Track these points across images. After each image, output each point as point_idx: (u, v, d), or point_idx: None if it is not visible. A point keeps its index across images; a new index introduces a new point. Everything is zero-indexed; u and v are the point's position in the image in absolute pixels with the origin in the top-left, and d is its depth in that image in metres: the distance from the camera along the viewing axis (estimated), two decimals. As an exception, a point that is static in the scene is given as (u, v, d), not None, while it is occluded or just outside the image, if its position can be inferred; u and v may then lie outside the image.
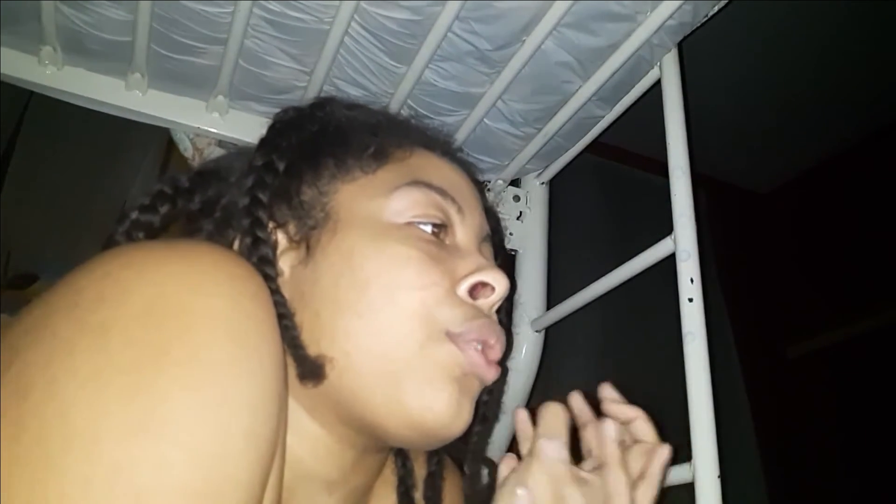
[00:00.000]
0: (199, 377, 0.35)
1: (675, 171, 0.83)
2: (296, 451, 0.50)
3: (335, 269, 0.51)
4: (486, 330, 0.51)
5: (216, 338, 0.36)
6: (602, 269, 0.92)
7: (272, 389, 0.38)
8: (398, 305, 0.49)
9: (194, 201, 0.56)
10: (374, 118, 0.62)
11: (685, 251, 0.78)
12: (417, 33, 0.83)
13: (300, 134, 0.58)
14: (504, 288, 0.52)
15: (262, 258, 0.49)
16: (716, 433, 0.70)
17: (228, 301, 0.38)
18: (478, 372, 0.50)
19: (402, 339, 0.49)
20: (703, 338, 0.75)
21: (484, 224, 0.59)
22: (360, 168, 0.55)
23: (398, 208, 0.53)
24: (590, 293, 0.94)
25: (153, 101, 0.97)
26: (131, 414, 0.32)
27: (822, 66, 1.75)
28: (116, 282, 0.37)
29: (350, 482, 0.54)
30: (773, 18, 1.59)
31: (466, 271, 0.52)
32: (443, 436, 0.49)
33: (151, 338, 0.35)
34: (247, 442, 0.36)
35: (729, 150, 2.01)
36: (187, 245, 0.41)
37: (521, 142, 1.05)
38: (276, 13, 0.82)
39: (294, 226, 0.54)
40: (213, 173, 0.58)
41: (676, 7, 0.81)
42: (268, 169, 0.54)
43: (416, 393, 0.48)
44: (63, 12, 0.83)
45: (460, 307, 0.50)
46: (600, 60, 0.89)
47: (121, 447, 0.32)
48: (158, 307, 0.36)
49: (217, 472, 0.34)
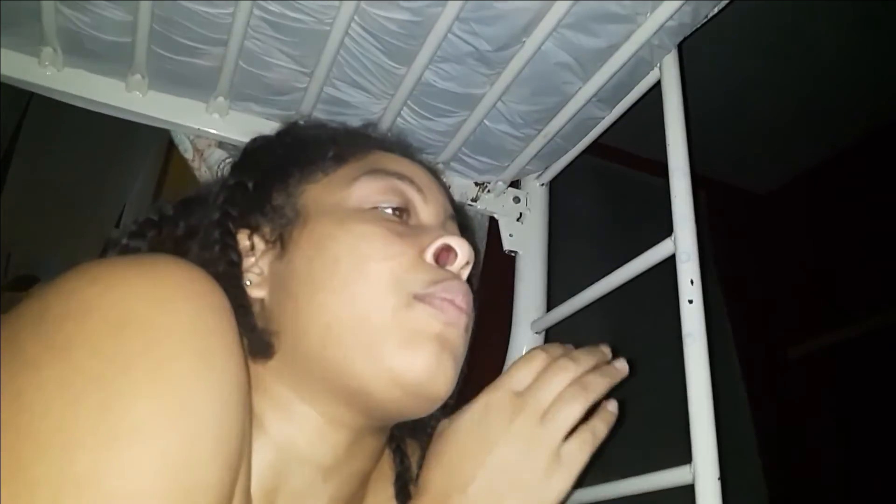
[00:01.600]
0: (165, 386, 0.36)
1: (675, 172, 0.83)
2: (287, 435, 0.52)
3: (308, 255, 0.54)
4: (453, 290, 0.53)
5: (180, 350, 0.38)
6: (602, 271, 0.92)
7: (235, 396, 0.40)
8: (369, 276, 0.52)
9: (179, 227, 0.60)
10: (333, 131, 0.67)
11: (685, 252, 0.78)
12: (417, 34, 0.83)
13: (269, 155, 0.63)
14: (467, 252, 0.55)
15: (230, 262, 0.53)
16: (716, 434, 0.70)
17: (191, 316, 0.40)
18: (453, 319, 0.52)
19: (377, 306, 0.51)
20: (703, 339, 0.75)
21: (447, 205, 0.62)
22: (322, 170, 0.59)
23: (360, 195, 0.56)
24: (590, 294, 0.94)
25: (153, 103, 0.97)
26: (100, 423, 0.33)
27: (821, 67, 1.75)
28: (82, 298, 0.38)
29: (345, 468, 0.55)
30: (772, 19, 1.59)
31: (430, 240, 0.55)
32: (429, 393, 0.51)
33: (116, 351, 0.36)
34: (215, 446, 0.37)
35: (729, 152, 2.02)
36: (152, 260, 0.43)
37: (521, 143, 1.05)
38: (276, 14, 0.82)
39: (268, 228, 0.58)
40: (196, 200, 0.62)
41: (676, 8, 0.81)
42: (238, 187, 0.59)
43: (396, 353, 0.50)
44: (63, 13, 0.83)
45: (427, 272, 0.53)
46: (600, 61, 0.89)
47: (90, 455, 0.32)
48: (123, 322, 0.37)
49: (187, 477, 0.35)
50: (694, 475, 0.69)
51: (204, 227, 0.57)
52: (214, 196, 0.59)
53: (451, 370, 0.52)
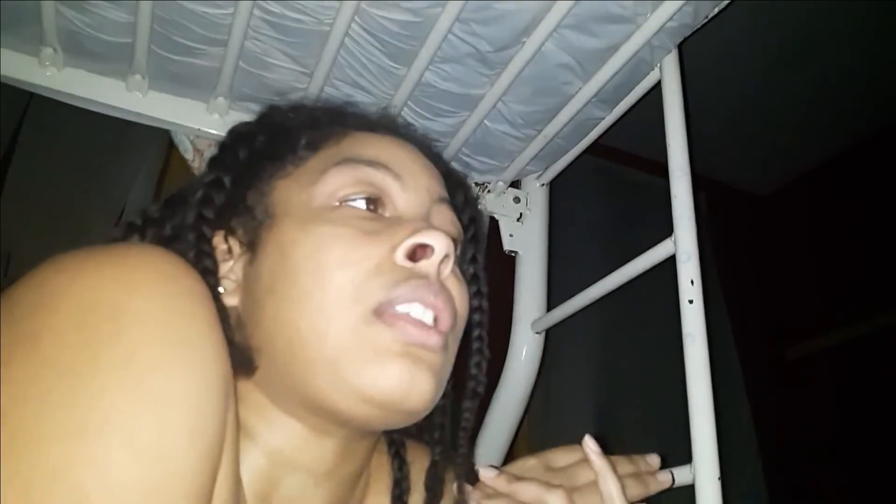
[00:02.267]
0: (136, 376, 0.35)
1: (675, 172, 0.83)
2: (273, 443, 0.51)
3: (271, 261, 0.51)
4: (422, 290, 0.49)
5: (151, 338, 0.36)
6: (602, 271, 0.92)
7: (214, 384, 0.38)
8: (327, 287, 0.49)
9: (165, 228, 0.57)
10: (311, 113, 0.63)
11: (685, 253, 0.79)
12: (418, 35, 0.83)
13: (246, 146, 0.60)
14: (443, 245, 0.51)
15: (205, 269, 0.50)
16: (716, 435, 0.70)
17: (163, 300, 0.38)
18: (416, 341, 0.48)
19: (335, 322, 0.48)
20: (703, 339, 0.75)
21: (434, 187, 0.57)
22: (293, 162, 0.56)
23: (328, 191, 0.53)
24: (590, 295, 0.94)
25: (153, 103, 0.97)
26: (70, 416, 0.32)
27: (821, 68, 1.75)
28: (50, 289, 0.37)
29: (336, 473, 0.54)
30: (773, 20, 1.59)
31: (403, 236, 0.51)
32: (403, 408, 0.48)
33: (83, 341, 0.35)
34: (190, 437, 0.36)
35: (729, 152, 2.02)
36: (122, 248, 0.42)
37: (521, 143, 1.05)
38: (276, 14, 0.82)
39: (242, 230, 0.55)
40: (179, 199, 0.59)
41: (676, 9, 0.81)
42: (213, 185, 0.56)
43: (360, 371, 0.47)
44: (64, 14, 0.84)
45: (391, 274, 0.49)
46: (600, 62, 0.89)
47: (60, 449, 0.32)
48: (92, 311, 0.36)
49: (160, 469, 0.34)
50: (694, 475, 0.69)
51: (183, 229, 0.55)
52: (192, 193, 0.56)
53: (427, 383, 0.48)
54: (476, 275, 0.67)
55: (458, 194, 0.64)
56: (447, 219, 0.58)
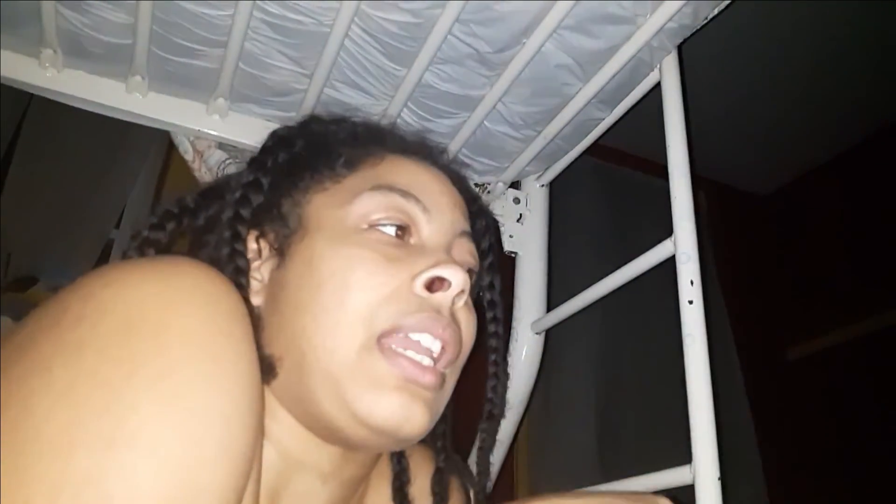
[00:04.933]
0: (171, 391, 0.36)
1: (674, 173, 0.83)
2: (285, 444, 0.53)
3: (298, 272, 0.54)
4: (432, 322, 0.52)
5: (190, 354, 0.37)
6: (602, 271, 0.92)
7: (246, 402, 0.39)
8: (345, 307, 0.51)
9: (199, 218, 0.60)
10: (353, 129, 0.65)
11: (685, 253, 0.78)
12: (417, 36, 0.83)
13: (286, 151, 0.62)
14: (459, 280, 0.53)
15: (237, 268, 0.53)
16: (716, 435, 0.70)
17: (204, 319, 0.39)
18: (411, 378, 0.50)
19: (345, 342, 0.50)
20: (703, 340, 0.75)
21: (458, 221, 0.60)
22: (331, 178, 0.58)
23: (360, 213, 0.55)
24: (590, 295, 0.94)
25: (153, 104, 0.97)
26: (102, 426, 0.33)
27: (821, 68, 1.75)
28: (96, 301, 0.38)
29: (343, 473, 0.56)
30: (772, 20, 1.59)
31: (423, 267, 0.53)
32: (398, 437, 0.50)
33: (125, 354, 0.36)
34: (220, 452, 0.37)
35: (729, 153, 2.02)
36: (167, 263, 0.43)
37: (520, 144, 1.05)
38: (276, 16, 0.82)
39: (273, 235, 0.57)
40: (216, 191, 0.61)
41: (676, 9, 0.81)
42: (252, 185, 0.58)
43: (360, 395, 0.49)
44: (63, 15, 0.84)
45: (406, 302, 0.52)
46: (600, 63, 0.89)
47: (91, 458, 0.32)
48: (135, 325, 0.37)
49: (189, 482, 0.35)
50: (694, 475, 0.69)
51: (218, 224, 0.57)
52: (231, 192, 0.58)
53: (421, 415, 0.50)
54: (493, 301, 0.69)
55: (479, 221, 0.66)
56: (466, 250, 0.60)
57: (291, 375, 0.51)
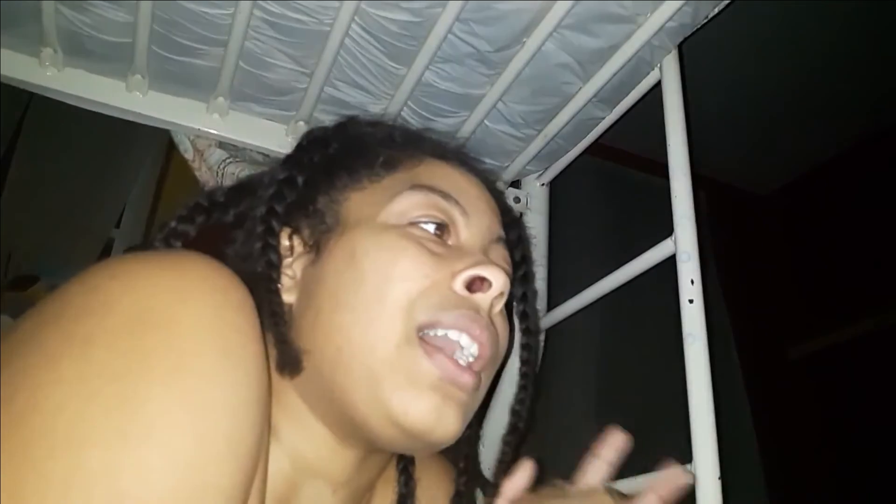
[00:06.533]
0: (181, 385, 0.35)
1: (675, 172, 0.83)
2: (300, 450, 0.52)
3: (338, 267, 0.53)
4: (471, 322, 0.51)
5: (199, 348, 0.37)
6: (602, 271, 0.92)
7: (254, 396, 0.39)
8: (387, 299, 0.50)
9: (229, 214, 0.60)
10: (390, 132, 0.65)
11: (685, 253, 0.78)
12: (417, 35, 0.83)
13: (321, 151, 0.61)
14: (502, 283, 0.53)
15: (269, 262, 0.53)
16: (716, 435, 0.70)
17: (212, 312, 0.39)
18: (450, 378, 0.50)
19: (385, 336, 0.50)
20: (703, 339, 0.75)
21: (494, 227, 0.60)
22: (369, 177, 0.58)
23: (400, 209, 0.55)
24: (590, 294, 0.94)
25: (154, 103, 0.97)
26: (113, 420, 0.33)
27: (821, 68, 1.75)
28: (103, 293, 0.38)
29: (354, 482, 0.55)
30: (772, 20, 1.59)
31: (464, 266, 0.53)
32: (428, 440, 0.50)
33: (135, 347, 0.35)
34: (228, 447, 0.36)
35: (729, 152, 2.02)
36: (175, 256, 0.42)
37: (521, 143, 1.05)
38: (276, 15, 0.82)
39: (308, 231, 0.57)
40: (247, 188, 0.61)
41: (676, 9, 0.81)
42: (287, 182, 0.58)
43: (395, 393, 0.49)
44: (64, 14, 0.84)
45: (445, 297, 0.51)
46: (600, 62, 0.89)
47: (101, 452, 0.32)
48: (143, 318, 0.37)
49: (197, 477, 0.34)
50: (694, 475, 0.69)
51: (250, 219, 0.57)
52: (265, 188, 0.58)
53: (454, 419, 0.50)
54: (525, 313, 0.69)
55: (512, 231, 0.66)
56: (501, 257, 0.60)
57: (323, 371, 0.51)
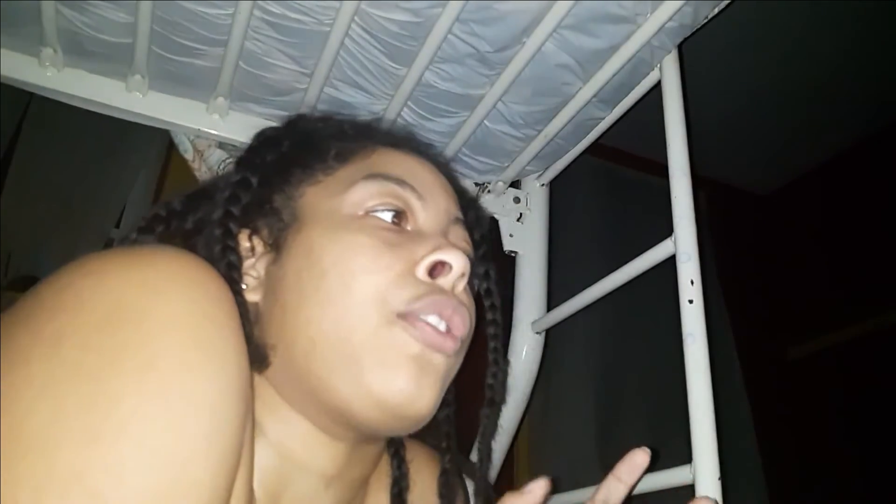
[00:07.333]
0: (156, 381, 0.35)
1: (675, 172, 0.83)
2: (287, 445, 0.52)
3: (298, 264, 0.53)
4: (441, 304, 0.52)
5: (174, 342, 0.36)
6: (602, 271, 0.92)
7: (233, 390, 0.38)
8: (353, 292, 0.51)
9: (188, 221, 0.59)
10: (340, 125, 0.65)
11: (685, 253, 0.78)
12: (417, 35, 0.83)
13: (274, 149, 0.61)
14: (461, 264, 0.53)
15: (229, 264, 0.52)
16: (716, 435, 0.70)
17: (187, 305, 0.38)
18: (432, 342, 0.50)
19: (358, 324, 0.50)
20: (703, 339, 0.75)
21: (451, 208, 0.60)
22: (323, 171, 0.58)
23: (355, 200, 0.55)
24: (590, 295, 0.94)
25: (153, 103, 0.97)
26: (87, 420, 0.32)
27: (821, 68, 1.75)
28: (74, 290, 0.37)
29: (345, 475, 0.55)
30: (772, 20, 1.59)
31: (424, 252, 0.53)
32: (408, 414, 0.50)
33: (108, 344, 0.35)
34: (207, 443, 0.36)
35: (729, 152, 2.02)
36: (148, 251, 0.42)
37: (521, 143, 1.05)
38: (276, 15, 0.82)
39: (267, 231, 0.57)
40: (203, 194, 0.61)
41: (676, 9, 0.81)
42: (241, 184, 0.58)
43: (374, 373, 0.49)
44: (63, 14, 0.83)
45: (414, 287, 0.52)
46: (600, 62, 0.89)
47: (76, 453, 0.31)
48: (116, 314, 0.36)
49: (177, 474, 0.34)
50: (694, 475, 0.69)
51: (208, 224, 0.56)
52: (220, 192, 0.58)
53: (431, 392, 0.50)
54: (489, 289, 0.69)
55: (469, 212, 0.66)
56: (461, 237, 0.60)
57: (299, 364, 0.51)
